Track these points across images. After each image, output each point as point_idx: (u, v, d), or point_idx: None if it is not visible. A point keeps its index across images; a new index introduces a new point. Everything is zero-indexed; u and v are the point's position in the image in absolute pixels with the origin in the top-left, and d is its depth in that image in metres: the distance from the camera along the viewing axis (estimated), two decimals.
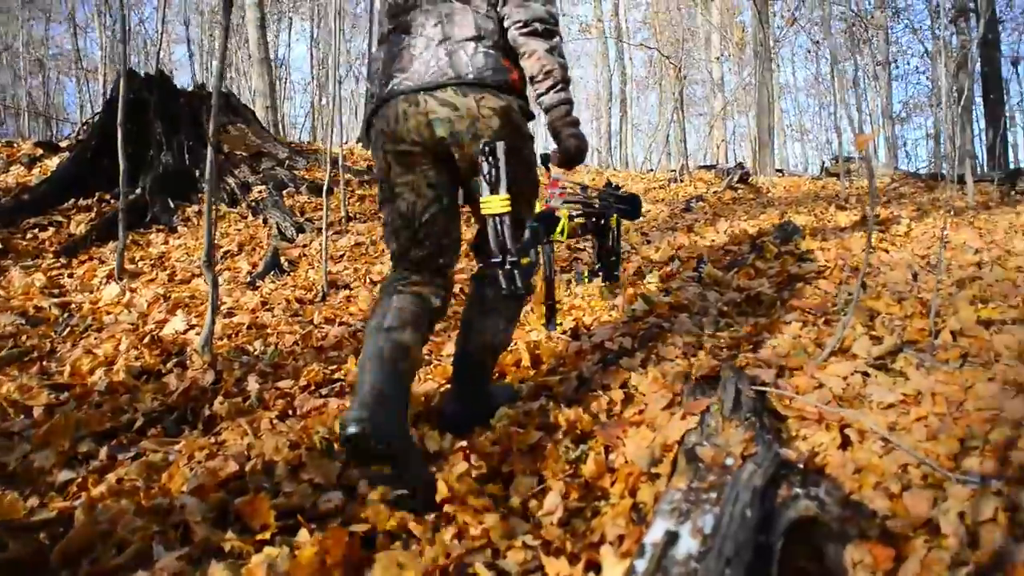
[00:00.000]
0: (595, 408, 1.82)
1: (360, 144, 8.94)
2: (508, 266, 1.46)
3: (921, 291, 2.53)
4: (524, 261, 1.52)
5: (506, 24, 1.60)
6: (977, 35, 8.64)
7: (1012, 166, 13.59)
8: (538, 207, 1.82)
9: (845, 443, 1.54)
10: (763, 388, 1.68)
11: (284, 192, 4.31)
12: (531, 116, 1.69)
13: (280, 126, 17.62)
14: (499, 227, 1.45)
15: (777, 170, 11.09)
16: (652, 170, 9.97)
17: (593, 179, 5.79)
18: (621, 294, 2.55)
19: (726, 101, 15.38)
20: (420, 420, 1.76)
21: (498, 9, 1.61)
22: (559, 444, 1.65)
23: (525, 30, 1.57)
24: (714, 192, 5.25)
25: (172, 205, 4.07)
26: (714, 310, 2.39)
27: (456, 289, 1.96)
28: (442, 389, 1.95)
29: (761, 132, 10.19)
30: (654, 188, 5.66)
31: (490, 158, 1.45)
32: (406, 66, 1.57)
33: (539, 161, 1.79)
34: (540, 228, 1.69)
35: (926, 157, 21.62)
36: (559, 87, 1.62)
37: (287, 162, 4.77)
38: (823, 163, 12.11)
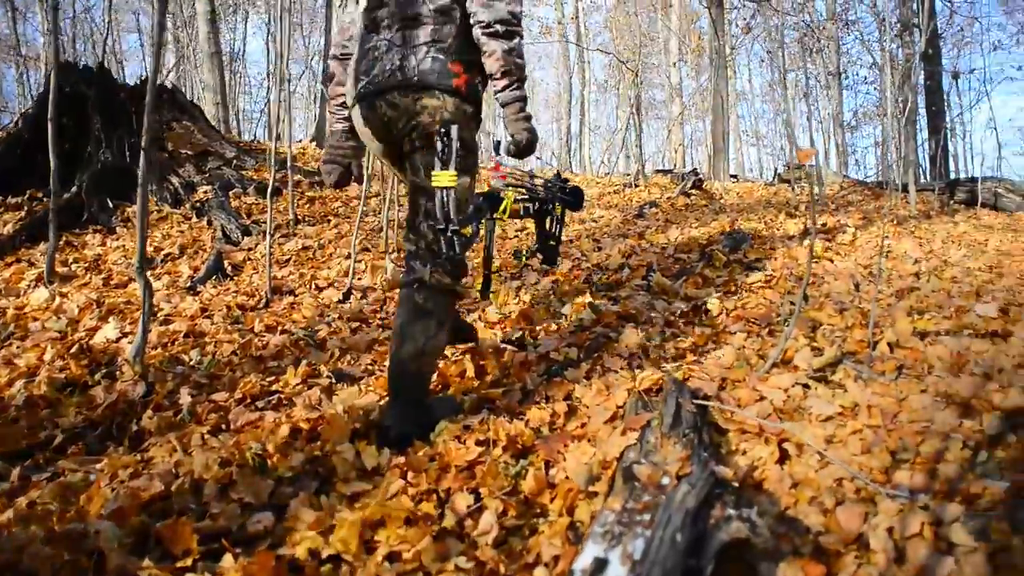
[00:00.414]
0: (537, 421, 1.79)
1: (314, 143, 8.78)
2: (450, 233, 1.65)
3: (862, 301, 2.58)
4: (465, 231, 1.69)
5: (471, 22, 1.74)
6: (919, 49, 8.92)
7: (952, 176, 14.11)
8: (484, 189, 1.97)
9: (783, 457, 1.55)
10: (704, 402, 1.68)
11: (231, 193, 4.17)
12: (476, 117, 1.85)
13: (236, 122, 17.22)
14: (445, 199, 1.65)
15: (731, 176, 11.29)
16: (608, 173, 10.04)
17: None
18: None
19: (684, 106, 15.59)
20: (357, 435, 1.71)
21: (465, 6, 1.74)
22: (499, 459, 1.61)
23: (487, 31, 1.71)
24: (668, 198, 5.28)
25: (111, 204, 3.90)
26: (661, 320, 2.39)
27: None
28: (382, 402, 1.91)
29: (716, 139, 10.36)
30: (609, 193, 5.66)
31: (444, 138, 1.66)
32: (369, 69, 1.78)
33: (493, 148, 2.02)
34: (484, 205, 1.87)
35: (874, 165, 22.29)
36: (515, 85, 1.76)
37: (235, 161, 4.63)
38: (776, 169, 12.38)
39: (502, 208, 2.07)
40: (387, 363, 2.18)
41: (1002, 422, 1.64)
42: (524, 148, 1.83)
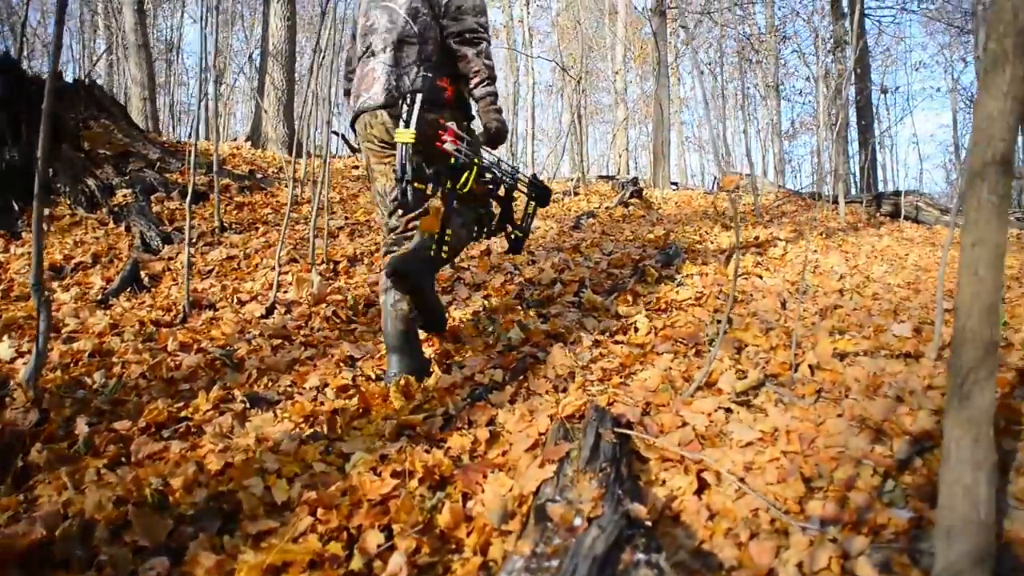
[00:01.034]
0: (458, 449, 1.74)
1: (249, 143, 8.49)
2: (404, 185, 1.99)
3: (788, 320, 2.62)
4: (418, 186, 2.02)
5: (445, 34, 2.11)
6: (851, 64, 9.26)
7: (880, 188, 14.74)
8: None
9: (703, 486, 1.54)
10: (626, 431, 1.66)
11: (153, 197, 3.96)
12: (468, 116, 2.23)
13: (171, 118, 16.55)
14: (403, 152, 1.96)
15: (672, 183, 11.48)
16: (551, 178, 10.05)
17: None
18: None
19: (628, 112, 15.80)
20: (266, 471, 1.62)
21: (442, 24, 2.12)
22: (415, 492, 1.56)
23: (458, 39, 2.10)
24: (606, 208, 5.30)
25: (16, 207, 3.64)
26: (590, 339, 2.38)
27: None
28: (294, 431, 1.82)
29: (656, 147, 10.51)
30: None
31: (408, 102, 1.98)
32: (370, 87, 2.13)
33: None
34: (444, 174, 2.07)
35: (810, 173, 23.12)
36: (486, 82, 2.11)
37: (159, 163, 4.39)
38: (715, 178, 12.67)
39: (463, 180, 2.08)
40: (305, 384, 2.11)
41: (910, 447, 1.68)
42: (495, 136, 2.18)
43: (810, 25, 16.79)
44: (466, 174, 2.08)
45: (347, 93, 2.37)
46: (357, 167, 7.06)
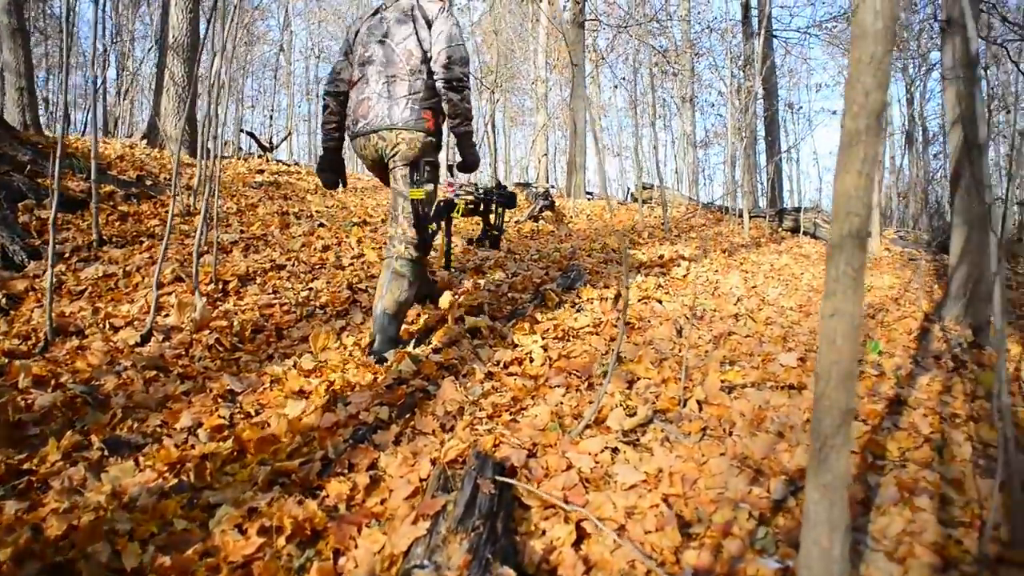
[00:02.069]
0: (335, 497, 1.65)
1: (145, 141, 7.99)
2: (420, 229, 2.53)
3: (683, 348, 2.66)
4: (431, 228, 2.57)
5: (435, 79, 2.51)
6: (758, 81, 9.67)
7: (786, 203, 15.51)
8: (442, 195, 2.80)
9: (581, 537, 1.51)
10: (507, 480, 1.62)
11: (21, 205, 3.60)
12: (438, 146, 2.61)
13: (67, 109, 15.38)
14: (418, 207, 2.51)
15: (588, 193, 11.64)
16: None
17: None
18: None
19: (548, 118, 15.94)
20: (117, 533, 1.48)
21: (431, 67, 2.52)
22: (282, 551, 1.46)
23: (445, 85, 2.49)
24: (516, 222, 5.29)
25: None
26: (483, 371, 2.33)
27: None
28: (156, 481, 1.68)
29: (572, 158, 10.63)
30: (456, 216, 5.55)
31: (416, 168, 2.52)
32: (366, 113, 2.54)
33: (447, 170, 2.79)
34: (443, 208, 2.72)
35: (722, 183, 24.07)
36: (464, 123, 2.54)
37: (30, 166, 4.00)
38: (628, 189, 12.95)
39: (456, 210, 2.84)
40: (176, 425, 1.97)
41: (786, 486, 1.72)
42: (471, 166, 2.68)
43: (723, 42, 17.52)
44: (458, 205, 2.84)
45: (324, 108, 2.74)
46: (262, 170, 6.77)
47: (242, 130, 13.48)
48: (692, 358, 2.53)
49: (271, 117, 23.60)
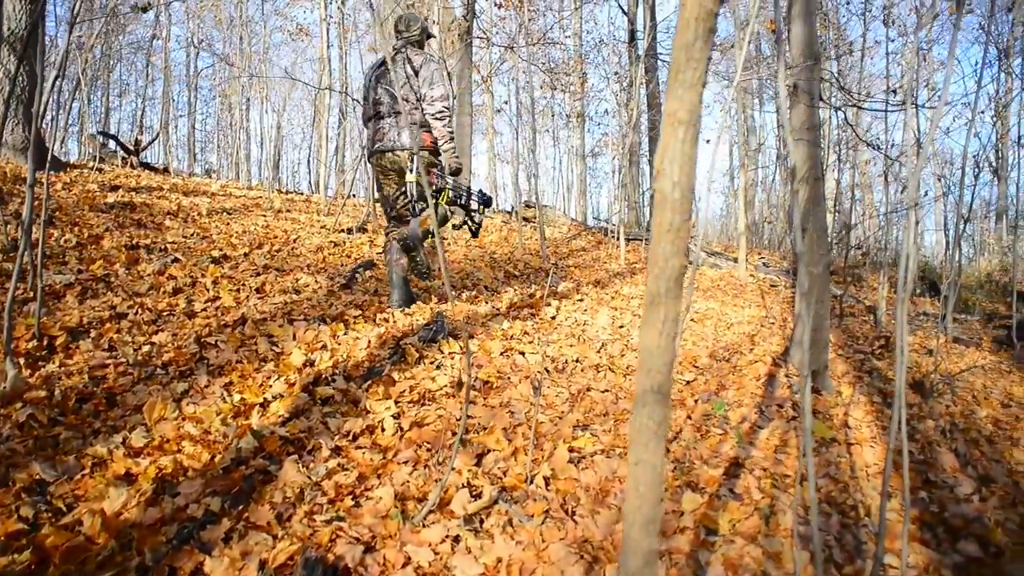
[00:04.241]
0: None
1: None
2: (412, 202, 3.61)
3: (538, 411, 2.68)
4: (420, 204, 3.64)
5: (425, 112, 3.59)
6: (643, 99, 10.05)
7: None
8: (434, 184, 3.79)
9: None
10: None
11: None
12: (435, 155, 3.73)
13: None
14: (410, 187, 3.56)
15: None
16: (349, 199, 9.72)
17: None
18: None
19: None
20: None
21: (421, 102, 3.59)
22: None
23: (431, 116, 3.57)
24: None
25: None
26: (331, 445, 2.24)
27: None
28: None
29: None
30: (328, 246, 5.35)
31: (414, 160, 3.53)
32: (382, 138, 3.64)
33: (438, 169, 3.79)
34: (434, 193, 3.62)
35: (609, 191, 24.87)
36: (448, 140, 3.63)
37: None
38: (513, 207, 13.10)
39: (442, 197, 3.72)
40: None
41: (617, 573, 1.76)
42: (455, 171, 3.73)
43: (609, 62, 18.17)
44: (443, 194, 3.72)
45: (365, 125, 3.85)
46: (117, 187, 6.23)
47: (102, 132, 12.43)
48: (546, 421, 2.56)
49: (142, 113, 22.02)
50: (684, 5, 0.94)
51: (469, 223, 3.96)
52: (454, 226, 4.17)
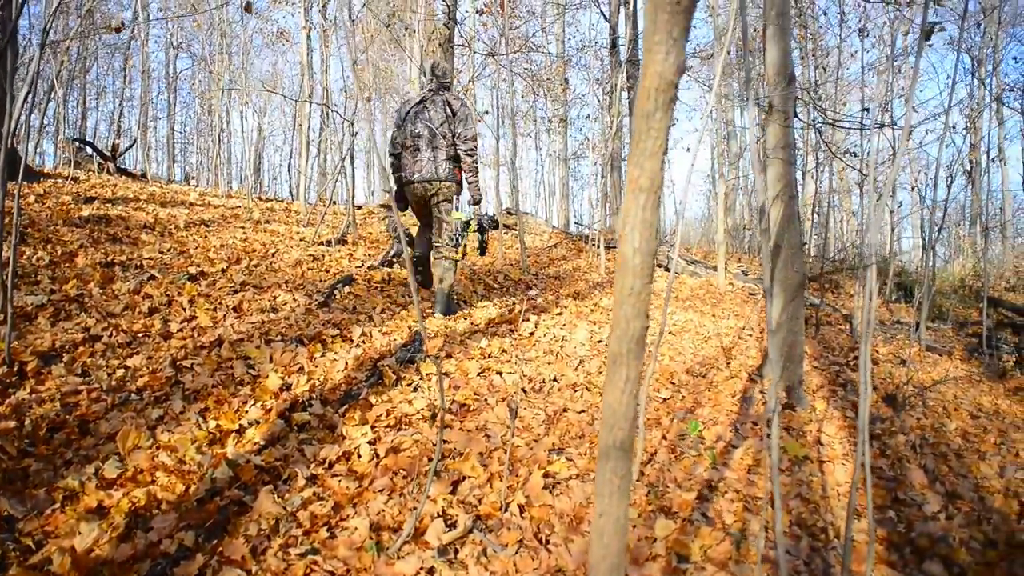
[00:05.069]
0: None
1: None
2: (457, 236, 4.26)
3: (514, 435, 2.70)
4: (459, 237, 4.31)
5: (459, 148, 4.13)
6: (625, 104, 10.11)
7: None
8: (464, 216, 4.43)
9: None
10: None
11: None
12: (459, 187, 4.30)
13: None
14: (458, 226, 4.24)
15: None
16: (331, 206, 9.68)
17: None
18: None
19: None
20: None
21: (455, 139, 4.15)
22: None
23: (463, 150, 4.12)
24: (369, 268, 5.16)
25: None
26: (306, 473, 2.24)
27: None
28: None
29: None
30: (307, 260, 5.32)
31: (449, 203, 4.25)
32: (421, 169, 4.14)
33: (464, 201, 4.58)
34: (464, 224, 4.30)
35: (595, 193, 24.96)
36: (474, 173, 4.19)
37: None
38: (495, 215, 13.11)
39: (471, 227, 4.43)
40: None
41: None
42: (477, 201, 4.37)
43: (594, 63, 18.26)
44: (472, 224, 4.41)
45: (393, 157, 4.35)
46: (92, 198, 6.14)
47: (77, 139, 12.26)
48: (522, 445, 2.58)
49: (120, 115, 21.75)
50: (644, 75, 0.96)
51: (480, 244, 4.69)
52: (473, 249, 4.80)
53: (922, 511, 2.60)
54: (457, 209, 4.25)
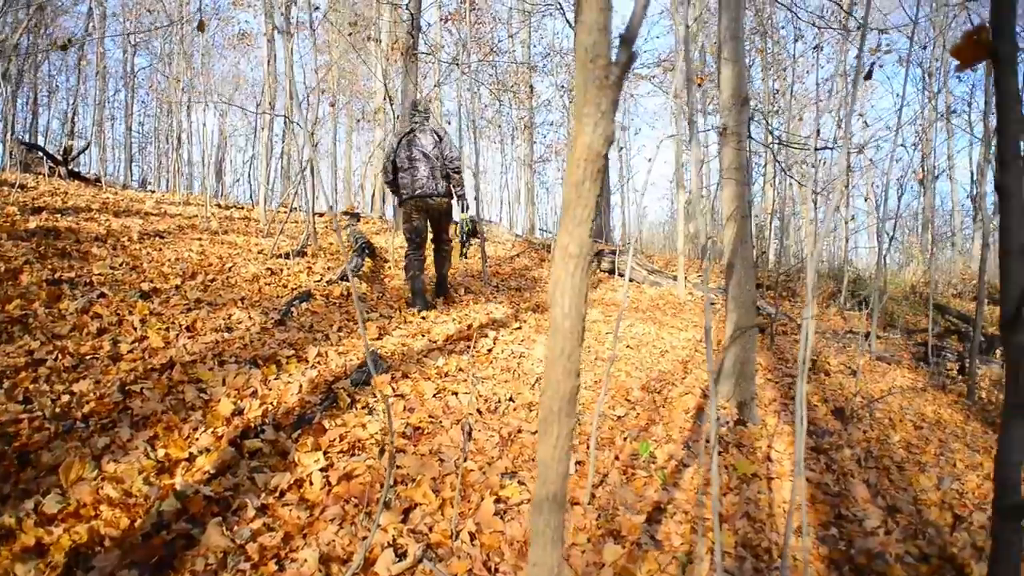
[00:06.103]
0: None
1: None
2: (464, 237, 6.31)
3: (471, 456, 2.71)
4: (459, 237, 6.35)
5: (447, 167, 5.08)
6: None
7: (616, 239, 16.60)
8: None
9: None
10: None
11: None
12: (462, 203, 5.47)
13: None
14: (462, 224, 6.22)
15: None
16: (292, 213, 9.54)
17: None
18: None
19: (386, 133, 15.72)
20: None
21: (444, 160, 5.10)
22: None
23: (452, 169, 5.10)
24: (328, 282, 5.11)
25: None
26: (256, 503, 2.22)
27: None
28: None
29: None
30: (264, 274, 5.26)
31: (460, 203, 5.47)
32: (417, 186, 5.03)
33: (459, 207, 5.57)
34: (466, 228, 6.22)
35: (559, 198, 25.07)
36: (461, 186, 5.19)
37: None
38: (461, 224, 13.08)
39: (468, 229, 6.15)
40: None
41: None
42: (468, 208, 5.54)
43: (560, 70, 18.38)
44: (467, 227, 6.06)
45: (389, 174, 5.21)
46: (40, 209, 5.95)
47: (28, 144, 11.87)
48: (475, 469, 2.60)
49: (74, 114, 21.14)
50: (575, 146, 0.99)
51: (467, 243, 6.33)
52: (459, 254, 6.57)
53: (863, 527, 2.69)
54: (451, 217, 5.38)
